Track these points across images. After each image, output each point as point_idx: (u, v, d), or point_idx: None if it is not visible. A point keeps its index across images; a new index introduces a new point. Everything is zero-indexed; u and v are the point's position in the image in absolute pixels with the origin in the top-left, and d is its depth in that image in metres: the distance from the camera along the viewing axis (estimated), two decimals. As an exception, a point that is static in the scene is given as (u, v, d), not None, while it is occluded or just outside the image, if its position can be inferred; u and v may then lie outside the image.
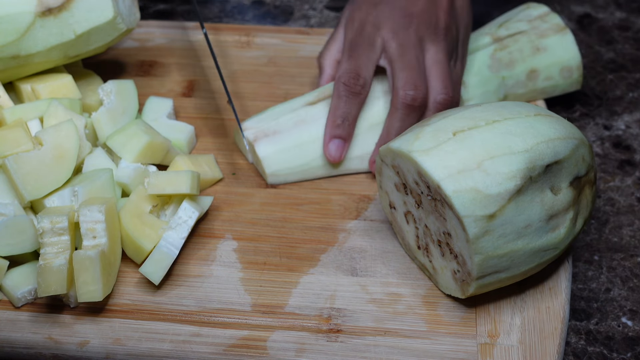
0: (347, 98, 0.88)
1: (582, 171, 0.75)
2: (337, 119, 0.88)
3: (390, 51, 0.88)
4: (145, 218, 0.80)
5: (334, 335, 0.75)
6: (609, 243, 0.87)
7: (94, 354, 0.75)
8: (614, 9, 1.18)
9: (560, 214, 0.73)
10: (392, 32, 0.88)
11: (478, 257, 0.71)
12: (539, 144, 0.72)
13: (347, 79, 0.88)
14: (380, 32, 0.89)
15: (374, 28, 0.89)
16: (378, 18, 0.89)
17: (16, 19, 0.86)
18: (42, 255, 0.75)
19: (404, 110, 0.86)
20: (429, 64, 0.88)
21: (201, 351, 0.75)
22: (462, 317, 0.77)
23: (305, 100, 0.92)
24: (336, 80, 0.89)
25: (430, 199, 0.74)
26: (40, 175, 0.80)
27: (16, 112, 0.86)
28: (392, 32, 0.88)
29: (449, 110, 0.78)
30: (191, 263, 0.82)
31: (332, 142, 0.88)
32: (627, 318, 0.80)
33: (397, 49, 0.87)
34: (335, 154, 0.88)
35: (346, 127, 0.88)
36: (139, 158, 0.85)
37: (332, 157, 0.88)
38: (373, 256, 0.82)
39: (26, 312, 0.78)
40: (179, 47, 1.07)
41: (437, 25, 0.88)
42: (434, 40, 0.88)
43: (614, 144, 0.98)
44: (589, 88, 1.06)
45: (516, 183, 0.70)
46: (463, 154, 0.71)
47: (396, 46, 0.87)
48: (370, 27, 0.89)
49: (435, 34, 0.88)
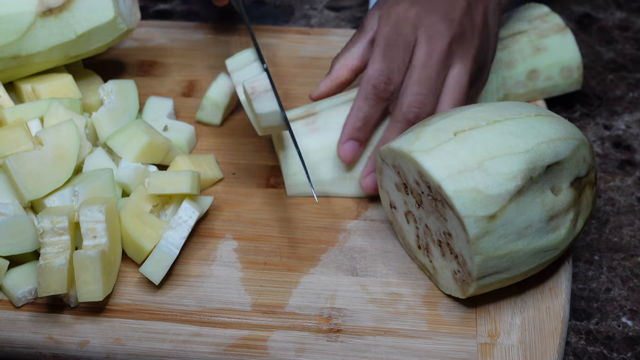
0: (374, 102, 0.83)
1: (582, 172, 0.75)
2: (359, 121, 0.84)
3: (415, 56, 0.83)
4: (145, 218, 0.80)
5: (334, 335, 0.75)
6: (609, 243, 0.87)
7: (94, 354, 0.75)
8: (614, 9, 1.18)
9: (561, 214, 0.73)
10: (428, 36, 0.82)
11: (478, 257, 0.71)
12: (539, 145, 0.72)
13: (377, 82, 0.83)
14: (417, 33, 0.83)
15: (412, 28, 0.83)
16: (418, 17, 0.83)
17: (17, 19, 0.86)
18: (43, 255, 0.75)
19: (404, 124, 0.83)
20: (449, 83, 0.83)
21: (201, 351, 0.75)
22: (463, 317, 0.77)
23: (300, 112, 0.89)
24: (365, 79, 0.83)
25: (430, 199, 0.74)
26: (40, 175, 0.80)
27: (16, 112, 0.86)
28: (427, 36, 0.82)
29: (450, 110, 0.78)
30: (191, 263, 0.82)
31: (348, 144, 0.85)
32: (627, 318, 0.80)
33: (424, 57, 0.82)
34: (349, 155, 0.85)
35: (365, 131, 0.85)
36: (140, 158, 0.85)
37: (345, 158, 0.85)
38: (373, 256, 0.82)
39: (26, 312, 0.78)
40: (179, 47, 1.07)
41: (471, 44, 0.83)
42: (463, 58, 0.83)
43: (614, 144, 0.98)
44: (589, 88, 1.06)
45: (517, 183, 0.70)
46: (464, 154, 0.71)
47: (424, 54, 0.82)
48: (408, 27, 0.83)
49: (466, 52, 0.83)
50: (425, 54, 0.82)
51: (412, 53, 0.83)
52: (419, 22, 0.83)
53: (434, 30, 0.82)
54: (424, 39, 0.82)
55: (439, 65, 0.82)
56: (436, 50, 0.82)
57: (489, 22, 0.86)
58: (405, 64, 0.83)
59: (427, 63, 0.82)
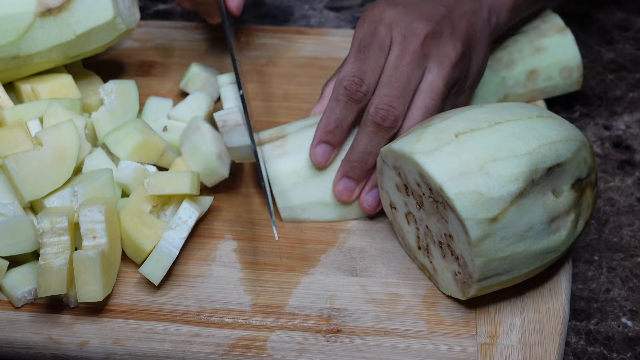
0: (345, 103, 0.81)
1: (583, 173, 0.75)
2: (331, 123, 0.82)
3: (389, 57, 0.81)
4: (145, 218, 0.80)
5: (334, 336, 0.75)
6: (609, 243, 0.87)
7: (93, 354, 0.75)
8: (614, 9, 1.18)
9: (562, 216, 0.73)
10: (402, 36, 0.81)
11: (479, 259, 0.70)
12: (541, 147, 0.72)
13: (349, 83, 0.81)
14: (392, 34, 0.81)
15: (387, 29, 0.81)
16: (394, 18, 0.82)
17: (16, 19, 0.86)
18: (42, 255, 0.75)
19: (372, 127, 0.80)
20: (422, 88, 0.81)
21: (201, 351, 0.75)
22: (462, 317, 0.77)
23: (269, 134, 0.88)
24: (337, 81, 0.82)
25: (431, 200, 0.74)
26: (40, 176, 0.80)
27: (16, 112, 0.86)
28: (401, 36, 0.81)
29: (451, 110, 0.78)
30: (191, 263, 0.82)
31: (320, 147, 0.83)
32: (627, 318, 0.80)
33: (395, 59, 0.80)
34: (321, 160, 0.83)
35: (337, 134, 0.82)
36: (132, 156, 0.85)
37: (317, 162, 0.83)
38: (373, 256, 0.82)
39: (26, 312, 0.78)
40: (179, 47, 1.07)
41: (451, 48, 0.81)
42: (440, 62, 0.81)
43: (614, 144, 0.98)
44: (589, 88, 1.06)
45: (518, 186, 0.70)
46: (465, 156, 0.71)
47: (396, 55, 0.80)
48: (383, 27, 0.81)
49: (443, 56, 0.81)
50: (397, 55, 0.80)
51: (387, 55, 0.82)
52: (394, 22, 0.81)
53: (408, 30, 0.81)
54: (398, 39, 0.81)
55: (411, 66, 0.80)
56: (409, 51, 0.80)
57: (476, 35, 0.84)
58: (380, 65, 0.81)
59: (398, 64, 0.80)
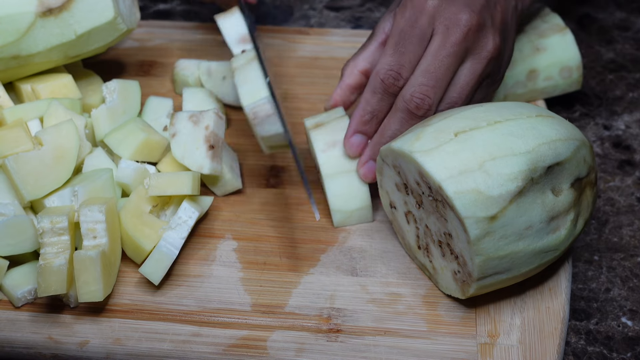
0: (382, 96, 0.81)
1: (583, 172, 0.75)
2: (366, 114, 0.82)
3: (429, 48, 0.80)
4: (145, 218, 0.80)
5: (334, 335, 0.75)
6: (609, 243, 0.87)
7: (94, 354, 0.75)
8: (614, 9, 1.18)
9: (561, 215, 0.73)
10: (445, 27, 0.79)
11: (479, 258, 0.71)
12: (540, 146, 0.72)
13: (386, 77, 0.80)
14: (434, 24, 0.80)
15: (429, 19, 0.80)
16: (436, 8, 0.80)
17: (17, 19, 0.86)
18: (42, 255, 0.75)
19: (405, 114, 0.80)
20: (457, 81, 0.81)
21: (201, 351, 0.75)
22: (462, 317, 0.77)
23: None
24: (374, 72, 0.81)
25: (431, 199, 0.74)
26: (40, 175, 0.80)
27: (16, 112, 0.86)
28: (444, 27, 0.79)
29: (450, 110, 0.78)
30: (191, 263, 0.82)
31: (355, 137, 0.83)
32: (627, 318, 0.80)
33: (436, 49, 0.79)
34: (356, 150, 0.83)
35: (373, 124, 0.83)
36: (136, 155, 0.85)
37: (352, 151, 0.83)
38: (373, 256, 0.82)
39: (26, 312, 0.78)
40: (179, 47, 1.07)
41: (489, 41, 0.80)
42: (477, 56, 0.80)
43: (614, 144, 0.98)
44: (589, 88, 1.06)
45: (518, 184, 0.70)
46: (464, 155, 0.71)
47: (437, 45, 0.79)
48: (425, 18, 0.80)
49: (482, 50, 0.80)
50: (438, 45, 0.79)
51: (427, 45, 0.81)
52: (437, 12, 0.80)
53: (452, 20, 0.79)
54: (441, 29, 0.80)
55: (450, 58, 0.79)
56: (450, 42, 0.79)
57: (508, 24, 0.84)
58: (418, 57, 0.81)
59: (438, 54, 0.79)
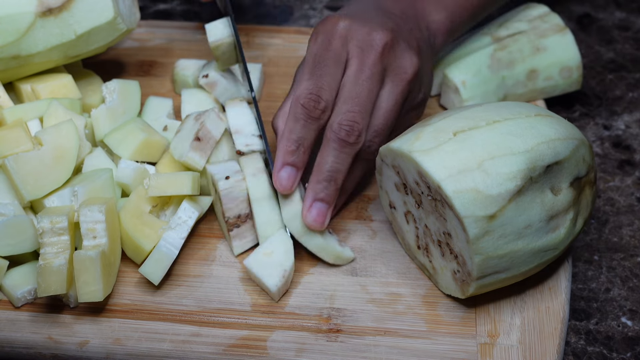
0: (304, 122, 0.78)
1: (582, 172, 0.75)
2: (292, 144, 0.78)
3: (347, 72, 0.79)
4: (145, 218, 0.80)
5: (334, 335, 0.75)
6: (609, 243, 0.87)
7: (93, 354, 0.75)
8: (614, 9, 1.18)
9: (561, 214, 0.73)
10: (359, 49, 0.79)
11: (478, 257, 0.71)
12: (539, 145, 0.72)
13: (306, 101, 0.78)
14: (347, 46, 0.80)
15: (342, 41, 0.80)
16: (348, 30, 0.80)
17: (17, 19, 0.86)
18: (42, 255, 0.75)
19: (336, 144, 0.78)
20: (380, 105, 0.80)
21: (201, 351, 0.75)
22: (462, 317, 0.77)
23: None
24: (294, 99, 0.79)
25: (430, 199, 0.74)
26: (40, 175, 0.80)
27: (16, 112, 0.86)
28: (358, 49, 0.79)
29: (449, 110, 0.78)
30: (191, 263, 0.82)
31: (284, 170, 0.78)
32: (626, 318, 0.80)
33: (354, 73, 0.79)
34: (286, 184, 0.78)
35: (300, 154, 0.78)
36: (135, 155, 0.85)
37: (282, 186, 0.78)
38: (373, 256, 0.82)
39: (26, 312, 0.78)
40: (179, 47, 1.07)
41: (404, 64, 0.80)
42: (396, 78, 0.80)
43: (613, 144, 0.98)
44: (589, 88, 1.06)
45: (517, 183, 0.70)
46: (463, 155, 0.71)
47: (355, 69, 0.79)
48: (338, 40, 0.80)
49: (398, 74, 0.80)
50: (356, 69, 0.79)
51: (344, 69, 0.80)
52: (349, 34, 0.80)
53: (365, 41, 0.79)
54: (356, 52, 0.79)
55: (370, 81, 0.78)
56: (368, 65, 0.79)
57: (423, 51, 0.84)
58: (337, 80, 0.79)
59: (357, 79, 0.78)
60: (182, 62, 0.99)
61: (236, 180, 0.80)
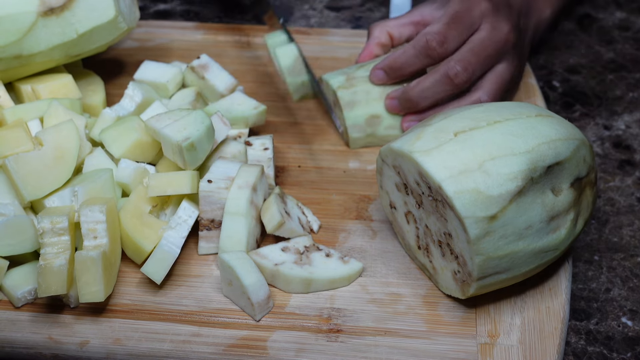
0: (419, 53, 0.88)
1: (583, 172, 0.75)
2: (397, 62, 0.89)
3: (477, 34, 0.88)
4: (145, 218, 0.80)
5: (334, 335, 0.75)
6: (609, 243, 0.87)
7: (94, 354, 0.75)
8: (614, 9, 1.18)
9: (561, 215, 0.73)
10: (492, 26, 0.89)
11: (479, 258, 0.71)
12: (540, 145, 0.72)
13: (432, 38, 0.87)
14: (481, 20, 0.89)
15: (480, 14, 0.89)
16: (487, 8, 0.89)
17: (18, 19, 0.86)
18: (43, 255, 0.75)
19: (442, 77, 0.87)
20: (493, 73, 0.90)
21: (201, 351, 0.75)
22: (462, 317, 0.77)
23: None
24: (423, 32, 0.88)
25: (431, 199, 0.74)
26: (40, 176, 0.80)
27: (16, 112, 0.86)
28: (491, 26, 0.89)
29: (450, 110, 0.78)
30: (192, 263, 0.82)
31: (379, 72, 0.90)
32: (627, 318, 0.80)
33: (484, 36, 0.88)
34: (376, 81, 0.91)
35: (397, 73, 0.90)
36: (127, 154, 0.85)
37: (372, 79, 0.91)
38: (373, 256, 0.82)
39: (26, 312, 0.78)
40: (179, 47, 1.07)
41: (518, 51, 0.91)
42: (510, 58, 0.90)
43: (614, 144, 0.98)
44: (589, 88, 1.06)
45: (517, 184, 0.70)
46: (464, 155, 0.71)
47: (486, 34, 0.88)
48: (478, 12, 0.89)
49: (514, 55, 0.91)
50: (485, 35, 0.88)
51: (471, 35, 0.89)
52: (487, 13, 0.89)
53: (497, 25, 0.89)
54: (487, 27, 0.89)
55: (492, 49, 0.88)
56: (495, 39, 0.88)
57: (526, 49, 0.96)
58: (462, 39, 0.88)
59: (484, 42, 0.88)
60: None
61: (218, 187, 0.80)
